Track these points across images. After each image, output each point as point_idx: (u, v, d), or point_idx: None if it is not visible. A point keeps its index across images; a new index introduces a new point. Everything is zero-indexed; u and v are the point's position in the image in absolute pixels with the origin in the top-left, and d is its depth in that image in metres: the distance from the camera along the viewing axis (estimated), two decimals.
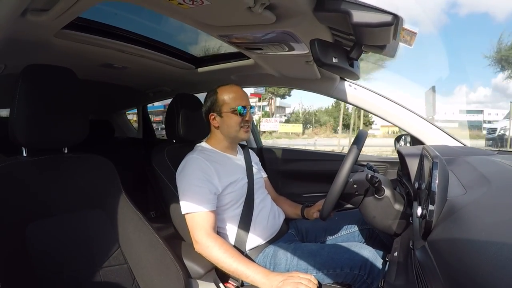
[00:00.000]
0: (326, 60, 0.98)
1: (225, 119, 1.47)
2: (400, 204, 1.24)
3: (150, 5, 1.07)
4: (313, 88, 1.99)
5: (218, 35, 1.30)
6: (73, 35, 1.31)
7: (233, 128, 1.46)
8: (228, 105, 1.46)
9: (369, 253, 1.27)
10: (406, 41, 0.97)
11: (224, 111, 1.46)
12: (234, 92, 1.47)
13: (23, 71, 0.99)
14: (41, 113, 1.02)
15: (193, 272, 1.25)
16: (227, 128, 1.48)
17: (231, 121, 1.46)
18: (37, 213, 0.99)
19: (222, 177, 1.39)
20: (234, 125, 1.46)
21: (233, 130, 1.47)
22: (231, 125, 1.47)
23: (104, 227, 1.13)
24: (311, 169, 2.28)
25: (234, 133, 1.47)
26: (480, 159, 1.19)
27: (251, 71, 1.91)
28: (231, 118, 1.46)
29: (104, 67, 1.82)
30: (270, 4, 0.97)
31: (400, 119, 1.78)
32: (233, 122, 1.46)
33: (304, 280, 1.10)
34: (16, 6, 0.96)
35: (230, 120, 1.46)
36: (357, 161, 1.20)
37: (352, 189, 1.22)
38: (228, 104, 1.46)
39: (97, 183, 1.16)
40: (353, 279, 1.24)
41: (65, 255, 1.01)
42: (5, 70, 1.54)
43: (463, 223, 0.64)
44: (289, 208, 1.72)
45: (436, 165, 0.75)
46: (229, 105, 1.46)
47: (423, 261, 0.67)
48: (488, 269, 0.46)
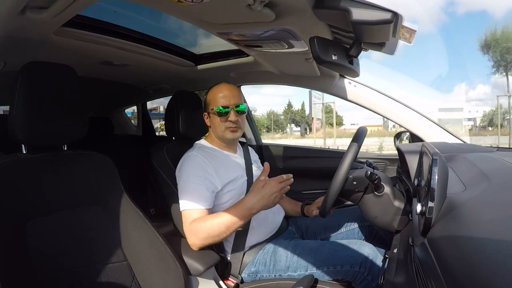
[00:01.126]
0: (326, 58, 0.98)
1: (212, 119, 1.49)
2: (399, 201, 1.24)
3: (150, 3, 1.07)
4: (312, 86, 1.99)
5: (218, 32, 1.29)
6: (72, 32, 1.30)
7: (219, 128, 1.47)
8: (212, 105, 1.47)
9: (370, 250, 1.27)
10: (406, 38, 0.97)
11: (210, 111, 1.48)
12: (218, 92, 1.47)
13: (22, 68, 0.99)
14: (40, 111, 1.01)
15: (193, 269, 1.26)
16: (214, 128, 1.50)
17: (216, 121, 1.47)
18: (37, 211, 0.99)
19: (221, 174, 1.39)
20: (218, 125, 1.47)
21: (219, 130, 1.47)
22: (216, 125, 1.47)
23: (103, 224, 1.13)
24: (310, 166, 2.29)
25: (220, 133, 1.48)
26: (480, 156, 1.19)
27: (250, 69, 1.91)
28: (215, 118, 1.47)
29: (103, 65, 1.81)
30: (269, 1, 0.97)
31: (399, 116, 1.79)
32: (216, 122, 1.46)
33: (274, 187, 1.18)
34: (16, 4, 0.95)
35: (215, 120, 1.47)
36: (356, 158, 1.20)
37: (352, 186, 1.22)
38: (212, 104, 1.47)
39: (96, 180, 1.16)
40: (354, 276, 1.24)
41: (64, 253, 1.01)
42: (4, 67, 1.54)
43: (463, 220, 0.64)
44: (289, 206, 1.72)
45: (435, 162, 0.74)
46: (212, 105, 1.47)
47: (423, 257, 0.67)
48: (488, 265, 0.46)
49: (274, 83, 2.09)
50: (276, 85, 2.15)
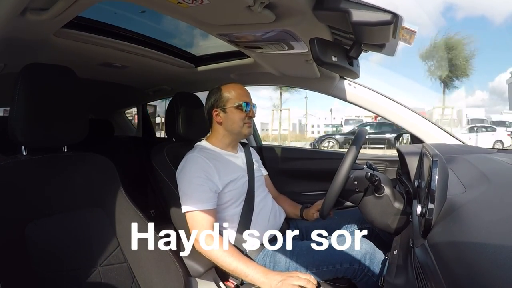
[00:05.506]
0: (326, 59, 0.98)
1: (229, 114, 1.49)
2: (399, 203, 1.24)
3: (150, 4, 1.07)
4: (312, 87, 1.99)
5: (218, 34, 1.30)
6: (72, 34, 1.30)
7: (237, 123, 1.48)
8: (233, 101, 1.48)
9: (367, 246, 1.28)
10: (406, 39, 0.97)
11: (228, 107, 1.48)
12: (238, 89, 1.51)
13: (22, 70, 0.99)
14: (40, 112, 1.01)
15: (193, 271, 1.26)
16: (231, 124, 1.49)
17: (235, 117, 1.48)
18: (37, 212, 0.99)
19: (223, 175, 1.39)
20: (238, 121, 1.48)
21: (237, 125, 1.48)
22: (235, 120, 1.48)
23: (103, 225, 1.13)
24: (310, 167, 2.29)
25: (238, 128, 1.49)
26: (480, 158, 1.19)
27: (250, 70, 1.90)
28: (235, 114, 1.47)
29: (103, 66, 1.81)
30: (269, 3, 0.97)
31: (399, 117, 1.78)
32: (237, 117, 1.47)
33: (303, 281, 1.11)
34: (16, 5, 0.95)
35: (234, 116, 1.48)
36: (356, 159, 1.20)
37: (352, 186, 1.22)
38: (233, 100, 1.48)
39: (97, 182, 1.16)
40: (354, 274, 1.24)
41: (64, 254, 1.01)
42: (4, 69, 1.54)
43: (463, 221, 0.64)
44: (289, 208, 1.72)
45: (435, 164, 0.75)
46: (233, 101, 1.48)
47: (423, 259, 0.67)
48: (488, 267, 0.46)
49: (274, 84, 2.09)
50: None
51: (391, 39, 0.96)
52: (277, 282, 1.12)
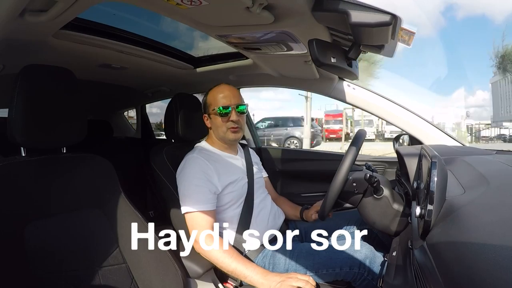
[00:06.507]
0: (325, 60, 0.98)
1: (213, 120, 1.48)
2: (398, 204, 1.24)
3: (148, 6, 1.07)
4: (311, 88, 2.00)
5: (217, 35, 1.30)
6: (71, 35, 1.30)
7: (220, 129, 1.47)
8: (212, 106, 1.47)
9: (367, 250, 1.27)
10: (405, 41, 0.97)
11: (211, 112, 1.48)
12: (219, 92, 1.47)
13: (21, 71, 0.99)
14: (39, 113, 1.01)
15: (192, 272, 1.25)
16: (215, 129, 1.49)
17: (217, 122, 1.46)
18: (36, 214, 0.99)
19: (222, 176, 1.39)
20: (219, 126, 1.46)
21: (220, 131, 1.47)
22: (217, 126, 1.47)
23: (102, 227, 1.13)
24: (309, 169, 2.28)
25: (221, 134, 1.47)
26: (479, 159, 1.19)
27: (249, 71, 1.91)
28: (217, 119, 1.46)
29: (102, 68, 1.81)
30: (268, 4, 0.97)
31: (398, 119, 1.79)
32: (218, 123, 1.46)
33: (302, 282, 1.11)
34: (15, 7, 0.95)
35: (216, 121, 1.47)
36: (355, 160, 1.20)
37: (351, 187, 1.22)
38: (212, 105, 1.47)
39: (95, 183, 1.16)
40: (353, 277, 1.24)
41: (63, 255, 1.01)
42: (3, 70, 1.54)
43: (462, 223, 0.64)
44: (289, 210, 1.72)
45: (434, 165, 0.74)
46: (213, 106, 1.47)
47: (422, 260, 0.67)
48: (487, 268, 0.46)
49: (273, 85, 2.09)
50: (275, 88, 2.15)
51: (390, 40, 0.96)
52: (276, 283, 1.12)
